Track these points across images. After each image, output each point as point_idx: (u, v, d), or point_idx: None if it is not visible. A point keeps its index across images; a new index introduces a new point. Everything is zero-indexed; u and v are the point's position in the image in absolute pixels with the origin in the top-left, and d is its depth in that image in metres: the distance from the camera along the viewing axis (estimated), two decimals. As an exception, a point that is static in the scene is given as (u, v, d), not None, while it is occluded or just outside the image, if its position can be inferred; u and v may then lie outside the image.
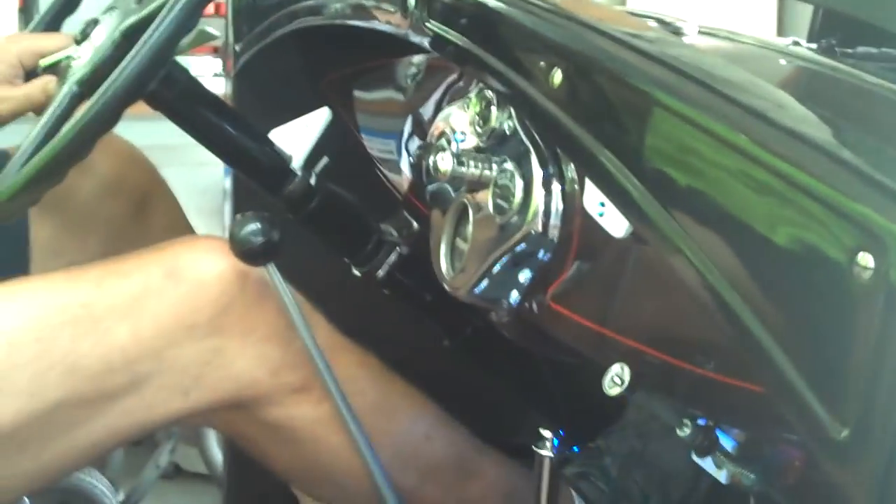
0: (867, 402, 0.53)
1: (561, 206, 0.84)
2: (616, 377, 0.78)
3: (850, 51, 0.87)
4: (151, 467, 1.96)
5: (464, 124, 0.95)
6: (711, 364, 0.71)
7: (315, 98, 1.14)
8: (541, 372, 1.16)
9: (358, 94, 1.32)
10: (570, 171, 0.84)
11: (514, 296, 0.88)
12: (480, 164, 0.90)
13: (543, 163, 0.85)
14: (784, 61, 0.86)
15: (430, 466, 1.07)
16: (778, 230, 0.58)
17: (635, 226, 0.73)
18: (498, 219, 0.87)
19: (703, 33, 0.86)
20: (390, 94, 1.26)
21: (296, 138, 1.07)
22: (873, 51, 0.86)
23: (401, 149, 1.20)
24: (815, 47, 0.91)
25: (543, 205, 0.84)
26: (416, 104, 1.18)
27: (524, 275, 0.87)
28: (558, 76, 0.75)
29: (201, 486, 2.10)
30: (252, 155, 1.06)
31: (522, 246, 0.85)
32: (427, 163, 0.94)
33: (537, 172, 0.84)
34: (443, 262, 0.96)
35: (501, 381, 1.19)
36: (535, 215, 0.84)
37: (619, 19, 0.93)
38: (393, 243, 1.11)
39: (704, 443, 0.77)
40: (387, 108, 1.27)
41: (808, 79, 0.72)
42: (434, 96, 1.09)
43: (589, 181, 0.79)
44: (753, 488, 0.82)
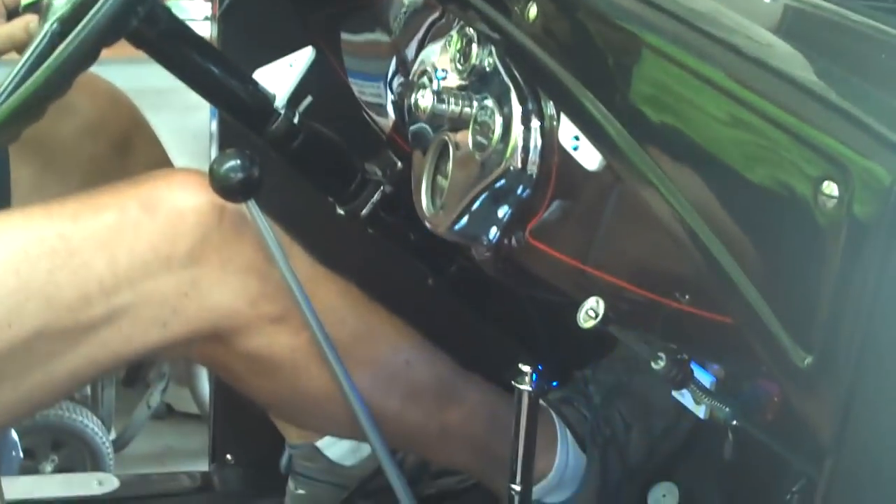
0: (831, 330, 0.54)
1: (540, 142, 0.84)
2: (591, 310, 0.79)
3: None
4: (143, 407, 1.98)
5: (445, 62, 0.94)
6: (685, 298, 0.72)
7: (300, 38, 1.14)
8: (523, 310, 1.17)
9: (343, 33, 1.31)
10: (549, 108, 0.83)
11: (494, 232, 0.89)
12: (461, 101, 0.90)
13: (523, 99, 0.85)
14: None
15: (412, 392, 1.07)
16: (746, 162, 0.59)
17: (608, 159, 0.73)
18: (478, 156, 0.87)
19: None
20: (376, 33, 1.26)
21: (280, 77, 1.07)
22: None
23: (385, 88, 1.20)
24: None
25: (522, 141, 0.84)
26: (401, 43, 1.18)
27: (503, 211, 0.87)
28: (533, 10, 0.75)
29: (192, 425, 2.11)
30: (235, 93, 1.06)
31: (502, 182, 0.85)
32: (408, 101, 0.94)
33: (516, 109, 0.84)
34: (424, 200, 0.96)
35: (485, 319, 1.20)
36: (514, 151, 0.84)
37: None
38: (377, 182, 1.12)
39: (679, 376, 0.78)
40: (372, 48, 1.27)
41: (784, 13, 0.72)
42: (417, 35, 1.09)
43: (564, 115, 0.79)
44: (730, 422, 0.83)
